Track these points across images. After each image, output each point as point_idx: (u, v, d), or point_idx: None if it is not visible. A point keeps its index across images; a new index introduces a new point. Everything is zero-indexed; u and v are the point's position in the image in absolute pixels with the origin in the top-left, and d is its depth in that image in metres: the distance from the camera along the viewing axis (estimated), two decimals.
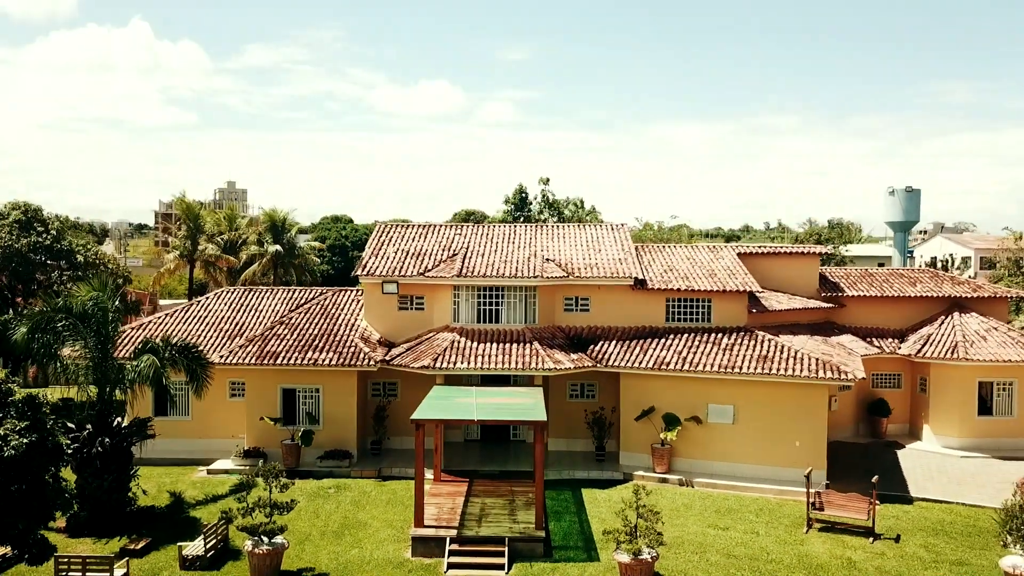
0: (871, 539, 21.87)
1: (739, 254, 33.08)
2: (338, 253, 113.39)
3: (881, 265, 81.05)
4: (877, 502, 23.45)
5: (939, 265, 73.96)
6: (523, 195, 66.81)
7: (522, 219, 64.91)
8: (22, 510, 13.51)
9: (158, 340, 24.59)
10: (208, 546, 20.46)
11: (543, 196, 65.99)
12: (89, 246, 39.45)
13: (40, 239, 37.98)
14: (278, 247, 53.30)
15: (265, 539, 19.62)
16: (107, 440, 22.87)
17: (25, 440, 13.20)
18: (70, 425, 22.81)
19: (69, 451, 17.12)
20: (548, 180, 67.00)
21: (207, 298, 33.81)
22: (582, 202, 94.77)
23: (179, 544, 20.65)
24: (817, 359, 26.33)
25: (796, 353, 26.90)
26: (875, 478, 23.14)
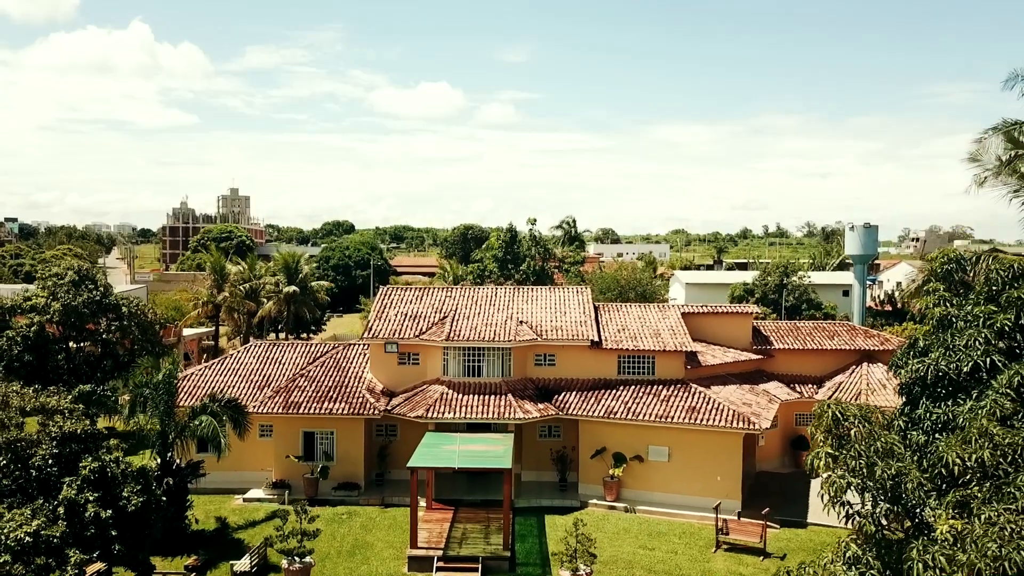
0: (762, 558, 28.28)
1: (683, 314, 39.49)
2: (341, 272, 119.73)
3: (845, 294, 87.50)
4: (776, 526, 29.98)
5: (897, 294, 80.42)
6: (513, 234, 73.38)
7: (511, 257, 71.47)
8: (140, 545, 19.90)
9: (208, 399, 31.07)
10: (253, 564, 26.91)
11: (530, 235, 72.58)
12: (132, 299, 45.68)
13: (91, 295, 44.39)
14: (293, 288, 59.78)
15: (298, 559, 26.06)
16: (170, 480, 29.36)
17: (142, 499, 19.56)
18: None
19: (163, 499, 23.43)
20: (535, 220, 73.91)
21: (238, 352, 40.36)
22: (574, 221, 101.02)
23: (231, 562, 27.09)
24: (733, 411, 32.74)
25: (719, 405, 33.30)
26: (766, 510, 29.62)
